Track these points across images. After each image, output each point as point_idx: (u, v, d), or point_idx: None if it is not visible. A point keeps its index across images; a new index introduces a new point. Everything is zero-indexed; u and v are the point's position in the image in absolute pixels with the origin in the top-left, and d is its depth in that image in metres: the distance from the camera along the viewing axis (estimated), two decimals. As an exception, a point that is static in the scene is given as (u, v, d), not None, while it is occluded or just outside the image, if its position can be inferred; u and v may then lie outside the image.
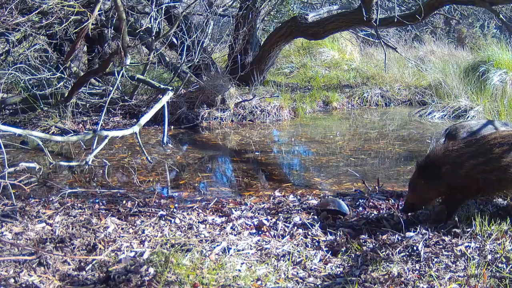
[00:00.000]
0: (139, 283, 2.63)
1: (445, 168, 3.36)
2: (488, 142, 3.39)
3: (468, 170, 3.33)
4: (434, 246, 3.14)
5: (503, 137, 3.37)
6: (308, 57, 12.30)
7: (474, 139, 3.53)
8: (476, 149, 3.38)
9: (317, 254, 3.16)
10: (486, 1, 6.90)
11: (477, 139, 3.51)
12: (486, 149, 3.35)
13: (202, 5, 9.50)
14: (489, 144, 3.37)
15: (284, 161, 6.08)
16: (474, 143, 3.45)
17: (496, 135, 3.44)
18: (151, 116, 5.95)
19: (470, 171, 3.33)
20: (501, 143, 3.33)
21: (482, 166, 3.32)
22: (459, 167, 3.35)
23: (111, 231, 3.40)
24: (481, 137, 3.52)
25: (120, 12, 6.01)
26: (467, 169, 3.34)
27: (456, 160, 3.37)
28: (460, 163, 3.35)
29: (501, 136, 3.39)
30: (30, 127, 6.93)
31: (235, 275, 2.78)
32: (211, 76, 8.37)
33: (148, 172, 5.34)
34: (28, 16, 6.34)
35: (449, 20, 15.62)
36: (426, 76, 10.32)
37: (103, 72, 7.14)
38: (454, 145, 3.49)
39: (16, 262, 2.84)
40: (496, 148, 3.32)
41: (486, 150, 3.35)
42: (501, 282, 2.65)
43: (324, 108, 9.34)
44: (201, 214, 3.83)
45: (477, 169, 3.33)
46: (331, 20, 8.72)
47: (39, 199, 4.13)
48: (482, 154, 3.34)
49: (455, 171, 3.35)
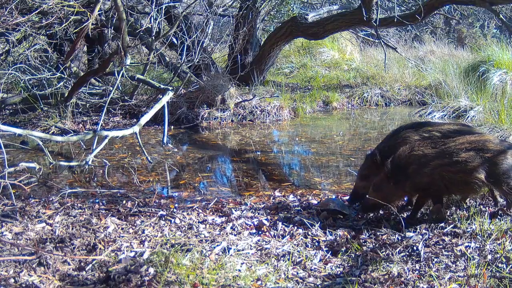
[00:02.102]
0: (139, 283, 2.63)
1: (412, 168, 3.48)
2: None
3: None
4: (434, 246, 3.14)
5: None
6: (308, 57, 12.30)
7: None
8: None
9: (317, 254, 3.16)
10: (486, 1, 6.90)
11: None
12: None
13: (202, 5, 9.49)
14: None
15: (284, 161, 6.08)
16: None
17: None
18: (151, 116, 5.95)
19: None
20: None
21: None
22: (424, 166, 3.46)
23: (111, 231, 3.40)
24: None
25: (120, 12, 6.01)
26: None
27: (421, 159, 3.47)
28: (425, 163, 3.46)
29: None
30: (30, 127, 6.93)
31: (235, 275, 2.78)
32: (211, 76, 8.37)
33: (148, 172, 5.34)
34: (28, 16, 6.33)
35: (449, 20, 15.63)
36: (426, 76, 10.31)
37: (103, 72, 7.14)
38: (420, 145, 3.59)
39: (16, 262, 2.84)
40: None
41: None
42: (501, 282, 2.64)
43: (324, 108, 9.34)
44: (201, 214, 3.83)
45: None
46: (331, 20, 8.72)
47: (39, 199, 4.13)
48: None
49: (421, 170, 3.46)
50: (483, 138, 3.52)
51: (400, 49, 11.38)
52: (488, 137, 3.60)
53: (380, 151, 3.90)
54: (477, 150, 3.41)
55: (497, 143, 3.46)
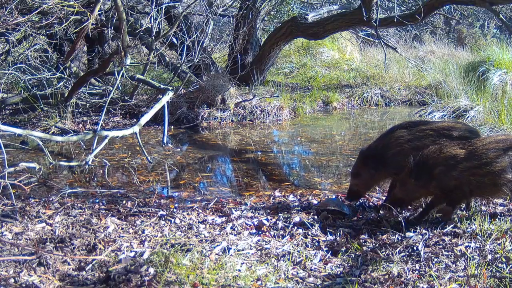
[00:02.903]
0: (139, 283, 2.63)
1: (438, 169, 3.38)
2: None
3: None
4: (434, 246, 3.14)
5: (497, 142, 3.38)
6: (308, 57, 12.30)
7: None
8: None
9: (317, 254, 3.16)
10: (486, 1, 6.90)
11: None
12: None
13: (202, 5, 9.49)
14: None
15: (284, 161, 6.08)
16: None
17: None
18: (151, 116, 5.94)
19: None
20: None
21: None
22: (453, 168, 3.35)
23: (111, 231, 3.40)
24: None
25: (120, 12, 6.01)
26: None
27: (449, 161, 3.37)
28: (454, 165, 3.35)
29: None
30: (30, 127, 6.92)
31: (235, 275, 2.78)
32: (211, 76, 8.37)
33: (148, 172, 5.34)
34: (28, 16, 6.33)
35: (449, 20, 15.63)
36: (426, 76, 10.31)
37: (103, 72, 7.14)
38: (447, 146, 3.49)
39: (16, 262, 2.84)
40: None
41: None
42: (501, 282, 2.64)
43: (324, 108, 9.34)
44: (201, 214, 3.83)
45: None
46: (331, 20, 8.72)
47: (39, 199, 4.13)
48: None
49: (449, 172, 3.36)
50: (510, 137, 3.41)
51: (400, 49, 11.38)
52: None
53: (372, 150, 3.91)
54: (505, 149, 3.29)
55: None
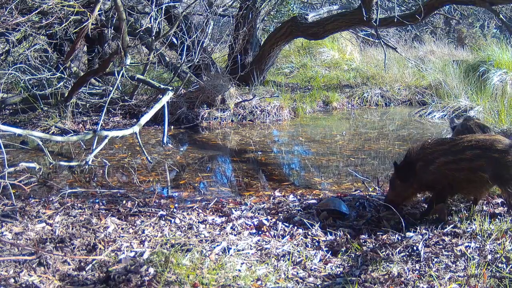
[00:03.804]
0: (139, 283, 2.63)
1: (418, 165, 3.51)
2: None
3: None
4: (434, 246, 3.14)
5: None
6: (308, 57, 12.30)
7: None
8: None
9: (317, 254, 3.16)
10: (486, 1, 6.90)
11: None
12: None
13: (202, 5, 9.49)
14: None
15: (284, 161, 6.08)
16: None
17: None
18: (151, 116, 5.94)
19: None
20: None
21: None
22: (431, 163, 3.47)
23: (111, 231, 3.40)
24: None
25: (120, 12, 6.01)
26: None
27: (428, 156, 3.51)
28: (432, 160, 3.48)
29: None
30: (30, 127, 6.92)
31: (235, 275, 2.78)
32: (211, 76, 8.37)
33: (148, 172, 5.34)
34: (28, 16, 6.33)
35: (449, 20, 15.63)
36: (426, 76, 10.32)
37: (103, 72, 7.14)
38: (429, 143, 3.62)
39: (16, 262, 2.84)
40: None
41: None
42: (501, 282, 2.64)
43: (324, 108, 9.34)
44: (201, 214, 3.83)
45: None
46: (331, 20, 8.72)
47: (39, 199, 4.12)
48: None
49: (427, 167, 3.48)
50: (492, 138, 3.48)
51: (400, 49, 11.38)
52: (498, 137, 3.54)
53: None
54: (484, 149, 3.38)
55: (506, 144, 3.39)
